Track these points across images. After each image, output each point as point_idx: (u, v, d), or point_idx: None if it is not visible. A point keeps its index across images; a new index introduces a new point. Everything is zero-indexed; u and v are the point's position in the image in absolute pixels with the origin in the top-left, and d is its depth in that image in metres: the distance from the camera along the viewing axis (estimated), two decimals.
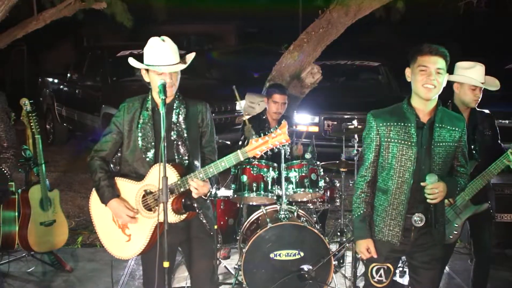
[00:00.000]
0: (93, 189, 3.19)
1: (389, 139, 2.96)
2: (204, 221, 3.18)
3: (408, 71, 2.99)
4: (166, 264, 2.77)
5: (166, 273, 2.80)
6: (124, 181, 3.12)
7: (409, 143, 2.93)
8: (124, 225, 3.15)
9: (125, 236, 3.15)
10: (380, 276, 3.07)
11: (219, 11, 13.55)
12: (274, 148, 2.89)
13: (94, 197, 3.22)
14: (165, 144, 2.78)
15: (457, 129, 2.99)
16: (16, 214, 4.72)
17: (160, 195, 2.77)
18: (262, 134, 2.90)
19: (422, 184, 2.92)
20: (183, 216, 3.01)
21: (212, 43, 15.54)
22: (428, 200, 2.92)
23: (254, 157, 2.94)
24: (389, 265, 3.07)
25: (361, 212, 3.04)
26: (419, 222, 2.98)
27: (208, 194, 3.07)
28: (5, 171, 3.35)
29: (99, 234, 3.27)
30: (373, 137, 3.00)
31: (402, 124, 2.95)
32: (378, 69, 9.83)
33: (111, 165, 3.29)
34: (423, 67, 2.88)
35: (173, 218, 2.98)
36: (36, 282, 4.74)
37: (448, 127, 2.98)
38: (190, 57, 3.12)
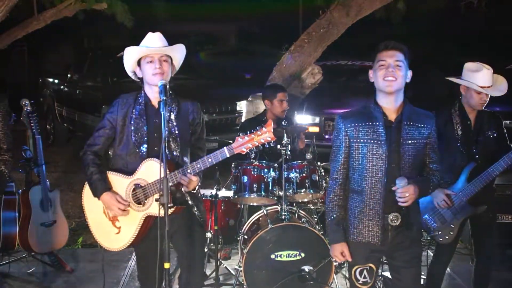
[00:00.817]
0: (86, 182, 3.28)
1: (358, 140, 2.97)
2: (197, 213, 3.27)
3: (371, 73, 3.04)
4: (167, 265, 2.77)
5: (167, 274, 2.80)
6: (116, 175, 3.22)
7: (379, 142, 2.93)
8: (114, 218, 3.25)
9: (115, 228, 3.24)
10: (364, 277, 3.05)
11: (219, 12, 13.54)
12: (260, 145, 2.98)
13: (86, 191, 3.31)
14: (165, 145, 2.82)
15: (425, 125, 3.00)
16: (17, 214, 4.72)
17: (160, 196, 2.80)
18: (248, 132, 2.99)
19: (393, 188, 2.91)
20: (171, 210, 3.06)
21: (212, 43, 15.54)
22: (399, 203, 2.92)
23: (240, 153, 3.02)
24: (371, 265, 3.06)
25: (335, 215, 3.05)
26: (395, 221, 2.98)
27: (197, 188, 3.18)
28: (5, 173, 3.38)
29: (90, 226, 3.35)
30: (342, 139, 3.02)
31: (370, 123, 2.96)
32: None
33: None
34: (382, 61, 2.94)
35: (162, 211, 3.01)
36: (37, 282, 4.73)
37: (417, 124, 2.98)
38: (179, 46, 3.23)
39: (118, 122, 3.21)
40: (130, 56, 3.19)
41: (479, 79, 3.72)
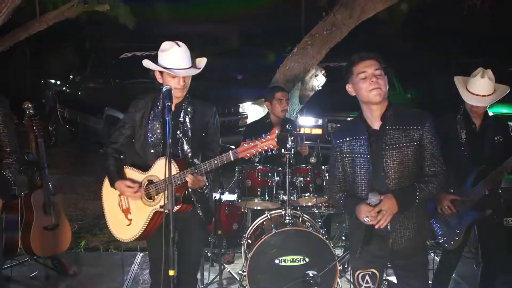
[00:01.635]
0: (106, 175, 3.47)
1: (347, 155, 2.98)
2: (200, 214, 3.35)
3: (349, 87, 2.97)
4: (171, 273, 2.76)
5: (172, 281, 2.79)
6: (132, 169, 3.38)
7: (364, 156, 2.90)
8: (127, 210, 3.40)
9: (127, 220, 3.40)
10: (367, 282, 3.01)
11: (221, 13, 13.54)
12: (263, 152, 3.08)
13: (106, 183, 3.50)
14: (170, 151, 2.85)
15: (415, 127, 2.87)
16: (19, 218, 4.69)
17: (166, 202, 2.84)
18: (253, 138, 3.09)
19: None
20: (177, 207, 3.16)
21: (214, 44, 15.51)
22: (377, 226, 2.81)
23: (243, 158, 3.13)
24: (374, 270, 3.01)
25: (343, 196, 3.00)
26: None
27: (204, 187, 3.29)
28: (9, 177, 3.35)
29: (106, 217, 3.53)
30: (335, 154, 3.05)
31: (356, 137, 2.94)
32: None
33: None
34: (362, 74, 2.86)
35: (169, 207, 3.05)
36: (39, 286, 4.72)
37: (403, 127, 2.87)
38: (202, 61, 3.35)
39: (136, 122, 3.35)
40: (153, 66, 3.27)
41: (471, 84, 3.70)
